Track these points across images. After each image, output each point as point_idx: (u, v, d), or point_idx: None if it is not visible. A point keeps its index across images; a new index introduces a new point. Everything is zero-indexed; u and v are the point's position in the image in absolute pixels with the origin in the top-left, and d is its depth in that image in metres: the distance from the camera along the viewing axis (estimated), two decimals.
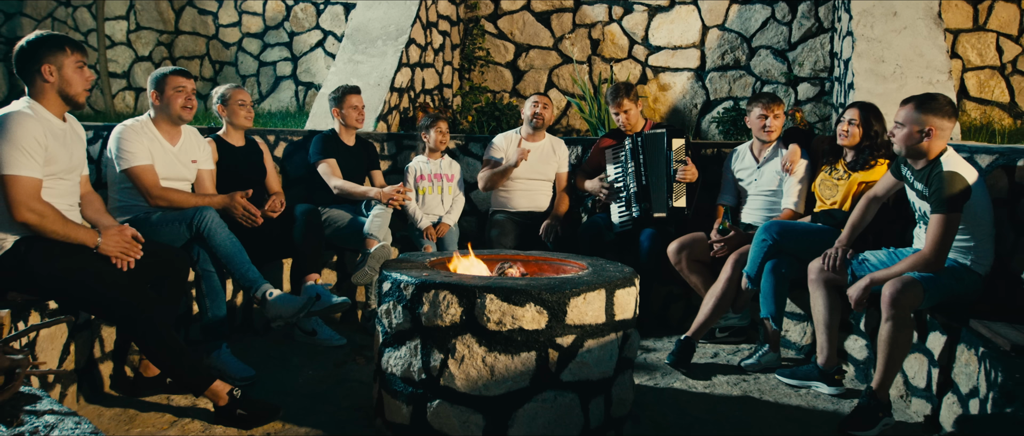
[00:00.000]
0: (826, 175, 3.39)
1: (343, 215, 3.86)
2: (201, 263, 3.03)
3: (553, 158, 4.17)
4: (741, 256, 3.31)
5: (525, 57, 6.12)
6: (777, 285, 3.14)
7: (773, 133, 3.58)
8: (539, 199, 4.16)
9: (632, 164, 3.85)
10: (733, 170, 3.78)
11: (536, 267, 2.94)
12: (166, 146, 3.17)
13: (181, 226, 3.01)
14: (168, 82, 3.11)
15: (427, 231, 3.92)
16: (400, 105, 5.11)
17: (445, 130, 4.05)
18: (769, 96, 3.60)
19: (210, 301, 3.04)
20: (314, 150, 3.94)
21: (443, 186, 4.07)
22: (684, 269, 3.61)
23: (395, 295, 2.43)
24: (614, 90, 3.98)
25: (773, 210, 3.60)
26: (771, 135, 3.58)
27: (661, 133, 3.79)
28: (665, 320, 3.98)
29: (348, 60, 5.08)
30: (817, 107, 5.48)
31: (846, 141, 3.27)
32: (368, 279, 3.54)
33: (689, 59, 5.81)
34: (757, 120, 3.59)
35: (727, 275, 3.30)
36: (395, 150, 4.50)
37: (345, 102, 3.96)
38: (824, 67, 5.48)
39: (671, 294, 3.97)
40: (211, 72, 6.93)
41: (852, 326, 3.21)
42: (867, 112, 3.26)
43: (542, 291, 2.28)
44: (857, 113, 3.26)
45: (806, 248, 3.15)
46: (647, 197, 3.80)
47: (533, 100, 4.12)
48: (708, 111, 5.78)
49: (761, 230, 3.20)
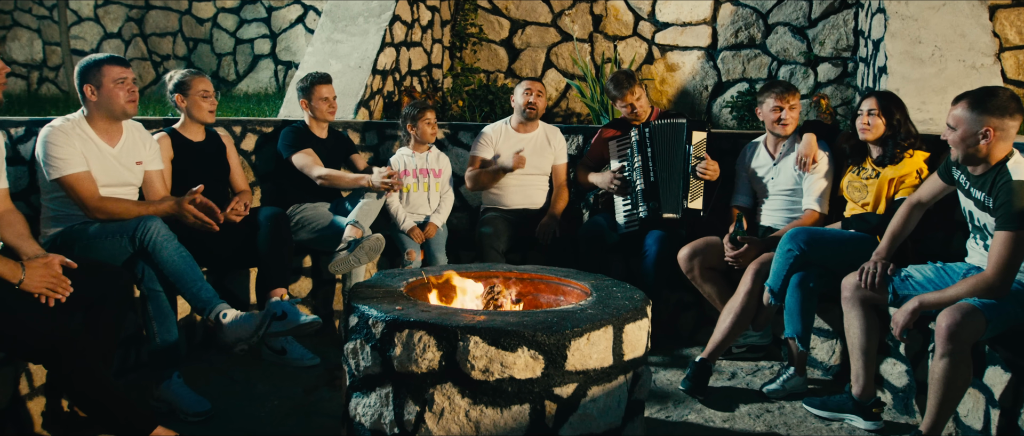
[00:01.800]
0: (853, 175, 3.04)
1: (321, 214, 3.46)
2: (146, 281, 2.65)
3: (548, 149, 3.76)
4: (762, 266, 2.95)
5: (521, 34, 5.76)
6: (804, 301, 2.79)
7: (789, 126, 3.21)
8: (534, 196, 3.77)
9: (639, 158, 3.45)
10: (747, 167, 3.39)
11: (531, 285, 2.56)
12: (104, 148, 2.76)
13: (122, 239, 2.62)
14: (105, 73, 2.69)
15: (412, 232, 3.53)
16: (384, 89, 4.70)
17: (433, 121, 3.64)
18: (783, 85, 3.22)
19: (158, 324, 2.66)
20: (284, 144, 3.53)
21: (430, 183, 3.67)
22: (697, 278, 3.24)
23: (362, 332, 2.05)
24: (616, 80, 3.56)
25: (794, 211, 3.24)
26: (786, 129, 3.21)
27: (681, 124, 3.39)
28: (675, 330, 3.62)
29: (326, 39, 4.64)
30: (839, 89, 5.11)
31: (868, 135, 2.93)
32: (347, 268, 3.15)
33: (699, 37, 5.45)
34: (771, 113, 3.22)
35: (747, 288, 2.94)
36: (376, 140, 4.09)
37: (314, 93, 3.54)
38: (847, 46, 5.09)
39: (682, 302, 3.61)
40: (184, 50, 6.57)
41: (890, 348, 2.84)
42: (886, 100, 2.93)
43: (537, 332, 1.90)
44: (875, 102, 2.92)
45: (837, 259, 2.81)
46: (655, 195, 3.41)
47: (524, 88, 3.71)
48: (719, 94, 5.43)
49: (786, 239, 2.83)
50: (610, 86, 3.59)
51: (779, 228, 3.22)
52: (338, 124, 3.99)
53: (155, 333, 2.66)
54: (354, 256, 3.10)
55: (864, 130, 2.93)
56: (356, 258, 3.11)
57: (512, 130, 3.76)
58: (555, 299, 2.50)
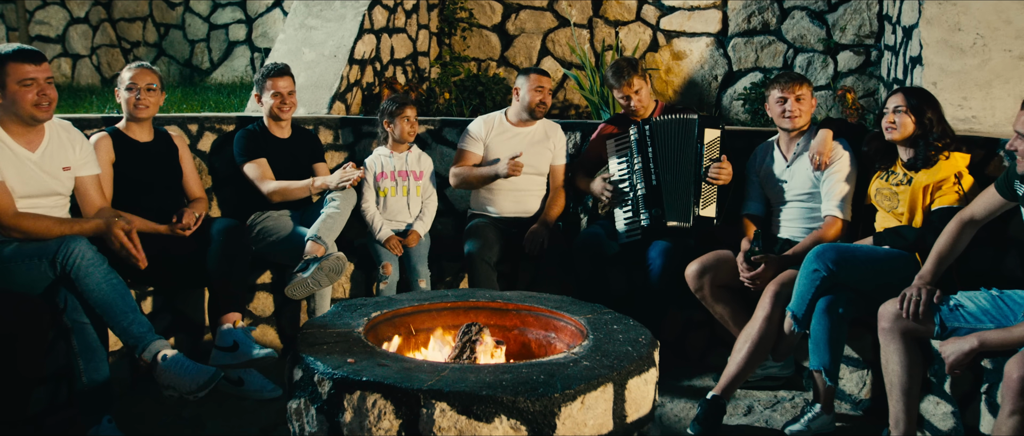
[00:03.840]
0: (882, 181, 2.71)
1: (282, 224, 3.10)
2: (70, 313, 2.29)
3: (547, 146, 3.38)
4: (782, 288, 2.61)
5: (515, 19, 5.39)
6: (833, 329, 2.45)
7: (797, 119, 2.88)
8: (529, 201, 3.39)
9: (639, 159, 3.08)
10: (760, 170, 3.05)
11: (518, 319, 2.19)
12: (21, 153, 2.38)
13: (42, 263, 2.26)
14: (9, 72, 2.28)
15: (389, 242, 3.15)
16: (362, 80, 4.32)
17: (413, 118, 3.26)
18: (789, 75, 2.91)
19: (84, 361, 2.30)
20: (237, 149, 3.15)
21: (410, 186, 3.29)
22: (707, 297, 2.89)
23: (307, 390, 1.68)
24: (616, 69, 3.18)
25: (813, 219, 2.89)
26: (794, 122, 2.89)
27: (691, 120, 3.04)
28: (683, 351, 3.26)
29: (299, 25, 4.26)
30: (861, 80, 4.75)
31: (896, 134, 2.61)
32: (306, 292, 2.81)
33: (708, 22, 5.07)
34: (776, 105, 2.92)
35: (765, 314, 2.59)
36: (352, 138, 3.71)
37: (267, 87, 3.14)
38: (870, 32, 4.72)
39: (690, 321, 3.24)
40: (155, 36, 6.25)
41: (933, 385, 2.48)
42: (915, 96, 2.62)
43: (519, 396, 1.53)
44: (903, 99, 2.61)
45: (870, 280, 2.49)
46: (658, 201, 3.04)
47: (534, 84, 3.29)
48: (730, 84, 5.06)
49: (812, 258, 2.49)
50: (609, 74, 3.22)
51: (798, 241, 2.88)
52: (308, 120, 3.62)
53: (81, 371, 2.30)
54: (312, 278, 2.74)
55: (890, 129, 2.61)
56: (315, 280, 2.74)
57: (508, 123, 3.37)
58: (545, 337, 2.13)
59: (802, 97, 2.86)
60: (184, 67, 6.10)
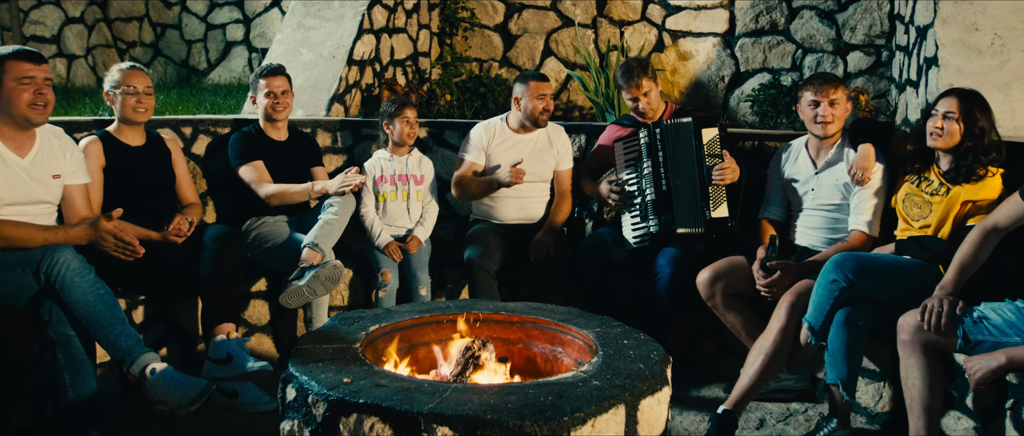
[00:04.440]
0: (913, 187, 2.57)
1: (279, 229, 3.00)
2: (55, 325, 2.19)
3: (550, 152, 3.27)
4: (799, 298, 2.50)
5: (517, 19, 5.27)
6: (851, 342, 2.35)
7: (830, 126, 2.73)
8: (533, 208, 3.28)
9: (648, 163, 2.98)
10: (783, 173, 2.91)
11: (522, 331, 2.09)
12: (11, 159, 2.30)
13: (25, 273, 2.17)
14: (7, 69, 2.20)
15: (389, 248, 3.05)
16: (361, 81, 4.22)
17: (413, 120, 3.16)
18: (822, 76, 2.76)
19: (70, 375, 2.21)
20: (232, 152, 3.05)
21: (410, 191, 3.19)
22: (719, 306, 2.78)
23: (301, 412, 1.58)
24: (625, 69, 3.07)
25: (837, 231, 2.77)
26: (827, 129, 2.74)
27: (686, 122, 2.93)
28: (691, 360, 3.17)
29: (297, 25, 4.16)
30: (871, 80, 4.63)
31: (940, 142, 2.45)
32: (301, 301, 2.72)
33: (715, 22, 4.95)
34: (808, 109, 2.76)
35: (780, 324, 2.49)
36: (351, 141, 3.60)
37: (260, 87, 3.05)
38: (881, 32, 4.60)
39: (699, 329, 3.16)
40: (152, 36, 6.13)
41: (954, 399, 2.37)
42: (969, 102, 2.44)
43: (526, 419, 1.44)
44: (955, 103, 2.44)
45: (891, 291, 2.38)
46: (668, 207, 2.94)
47: (537, 91, 3.15)
48: (737, 85, 4.94)
49: (831, 267, 2.38)
50: (618, 75, 3.11)
51: (817, 250, 2.77)
52: (306, 123, 3.52)
53: (67, 386, 2.21)
54: (308, 287, 2.64)
55: (935, 135, 2.45)
56: (310, 289, 2.65)
57: (509, 130, 3.27)
58: (551, 351, 2.03)
59: (836, 101, 2.70)
60: (181, 68, 6.00)
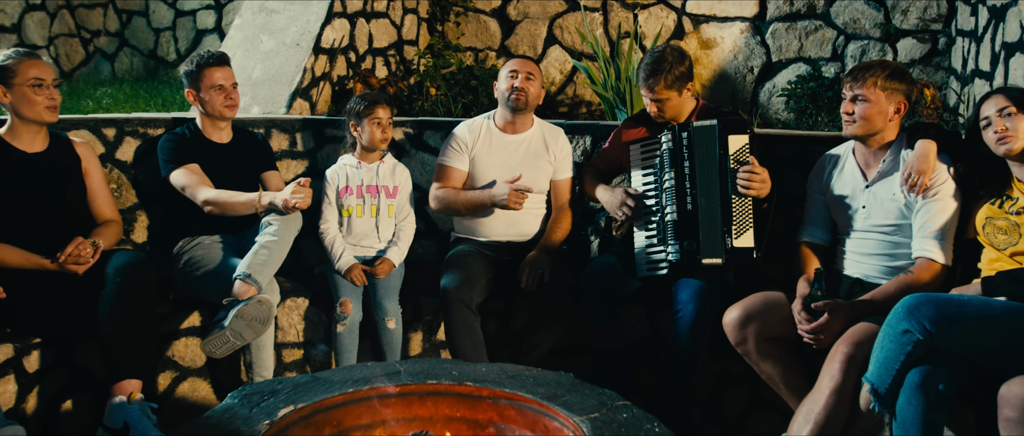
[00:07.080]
0: (994, 208, 2.16)
1: (212, 253, 2.52)
2: None
3: (546, 157, 2.77)
4: (856, 348, 2.02)
5: (517, 3, 4.88)
6: (929, 411, 1.86)
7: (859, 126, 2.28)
8: (526, 223, 2.79)
9: (670, 173, 2.47)
10: (826, 188, 2.45)
11: (494, 411, 1.56)
12: None
13: None
14: None
15: (351, 272, 2.55)
16: (332, 73, 3.76)
17: (387, 121, 2.67)
18: (859, 66, 2.32)
19: None
20: (162, 157, 2.60)
21: (380, 205, 2.70)
22: (752, 353, 2.29)
23: None
24: (652, 65, 2.53)
25: (896, 256, 2.29)
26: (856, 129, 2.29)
27: (710, 125, 2.43)
28: (717, 413, 2.68)
29: (259, 9, 3.72)
30: (925, 72, 4.16)
31: (1017, 145, 2.06)
32: (227, 348, 2.24)
33: (743, 5, 4.53)
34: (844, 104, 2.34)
35: (834, 384, 2.01)
36: (313, 144, 3.12)
37: (203, 79, 2.59)
38: (938, 15, 4.13)
39: (727, 374, 2.65)
40: (117, 24, 5.76)
41: None
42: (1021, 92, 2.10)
43: None
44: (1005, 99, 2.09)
45: (982, 344, 1.89)
46: (694, 231, 2.45)
47: (509, 68, 2.74)
48: (768, 78, 4.50)
49: (901, 313, 1.88)
50: (642, 64, 2.55)
51: (872, 282, 2.30)
52: (259, 122, 3.02)
53: None
54: (231, 330, 2.11)
55: (1003, 140, 2.07)
56: (236, 332, 2.13)
57: (496, 130, 2.77)
58: None
59: (873, 99, 2.25)
60: (148, 59, 5.71)
